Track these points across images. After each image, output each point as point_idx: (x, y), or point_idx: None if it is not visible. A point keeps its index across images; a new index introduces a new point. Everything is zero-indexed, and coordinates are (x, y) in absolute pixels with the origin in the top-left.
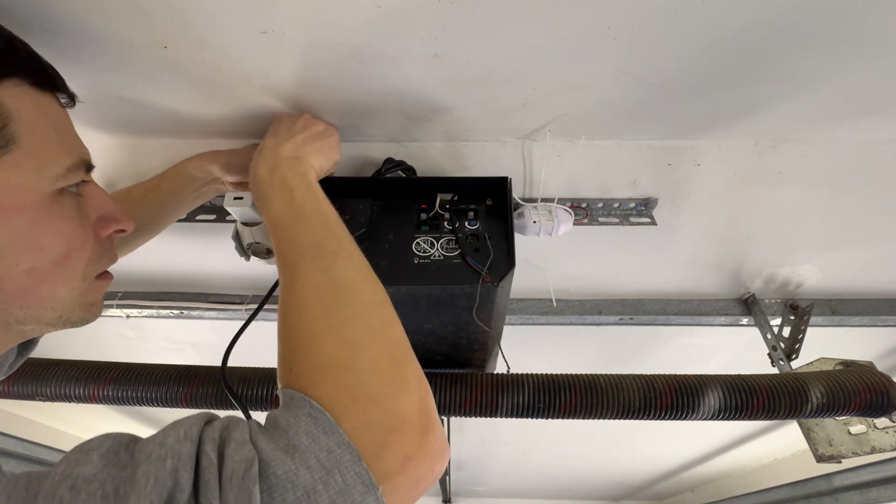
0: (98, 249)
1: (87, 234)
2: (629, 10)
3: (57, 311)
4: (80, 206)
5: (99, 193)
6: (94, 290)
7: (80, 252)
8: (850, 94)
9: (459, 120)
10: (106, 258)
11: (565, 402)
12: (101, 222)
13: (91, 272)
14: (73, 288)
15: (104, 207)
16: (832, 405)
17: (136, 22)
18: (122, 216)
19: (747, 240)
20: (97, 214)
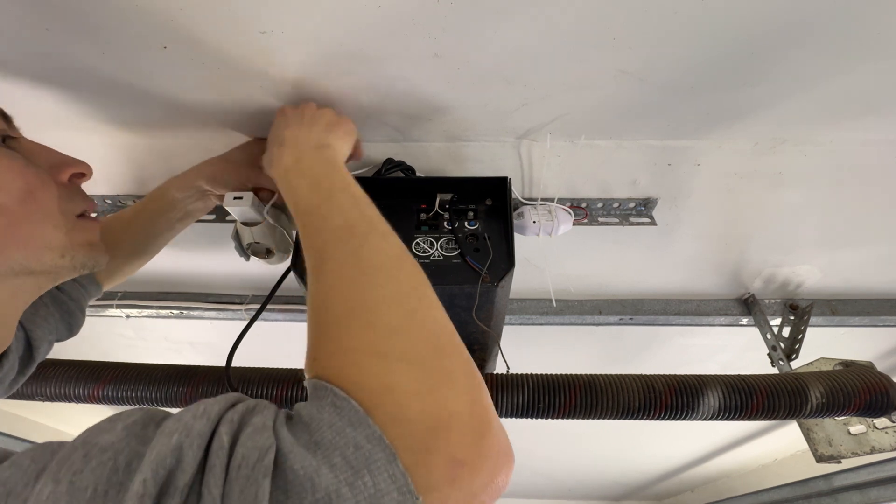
0: (64, 191)
1: (41, 175)
2: (629, 10)
3: (56, 249)
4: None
5: (41, 147)
6: (84, 229)
7: (43, 191)
8: (850, 94)
9: (459, 120)
10: (78, 198)
11: (565, 402)
12: (55, 169)
13: (68, 209)
14: (58, 225)
15: (52, 158)
16: (832, 405)
17: (136, 22)
18: (74, 161)
19: (747, 240)
20: (48, 164)
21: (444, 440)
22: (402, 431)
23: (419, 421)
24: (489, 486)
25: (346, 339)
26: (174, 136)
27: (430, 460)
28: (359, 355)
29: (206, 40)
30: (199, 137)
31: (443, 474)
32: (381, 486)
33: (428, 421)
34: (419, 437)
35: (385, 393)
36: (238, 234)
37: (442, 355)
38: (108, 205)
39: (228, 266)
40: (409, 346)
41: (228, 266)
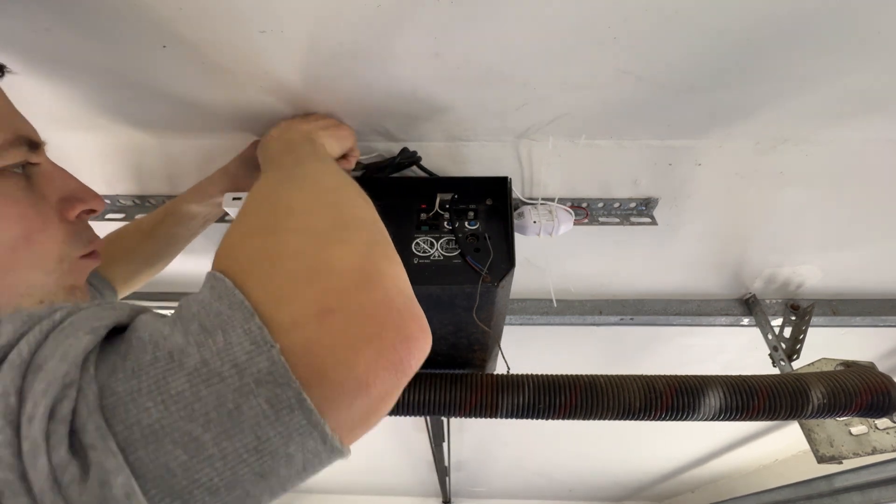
0: (70, 230)
1: (46, 215)
2: (629, 10)
3: (36, 296)
4: (33, 187)
5: (59, 174)
6: (77, 272)
7: (42, 234)
8: (851, 94)
9: (459, 119)
10: (83, 238)
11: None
12: (65, 203)
13: (69, 254)
14: (50, 271)
15: (65, 188)
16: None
17: (135, 21)
18: (88, 195)
19: (748, 240)
20: (59, 196)
21: (314, 289)
22: (267, 288)
23: (289, 275)
24: (374, 341)
25: (244, 224)
26: (173, 135)
27: (294, 306)
28: (248, 236)
29: (206, 40)
30: (199, 137)
31: (306, 317)
32: (233, 340)
33: (298, 273)
34: (285, 288)
35: (260, 259)
36: None
37: (343, 227)
38: (108, 204)
39: None
40: (305, 220)
41: None
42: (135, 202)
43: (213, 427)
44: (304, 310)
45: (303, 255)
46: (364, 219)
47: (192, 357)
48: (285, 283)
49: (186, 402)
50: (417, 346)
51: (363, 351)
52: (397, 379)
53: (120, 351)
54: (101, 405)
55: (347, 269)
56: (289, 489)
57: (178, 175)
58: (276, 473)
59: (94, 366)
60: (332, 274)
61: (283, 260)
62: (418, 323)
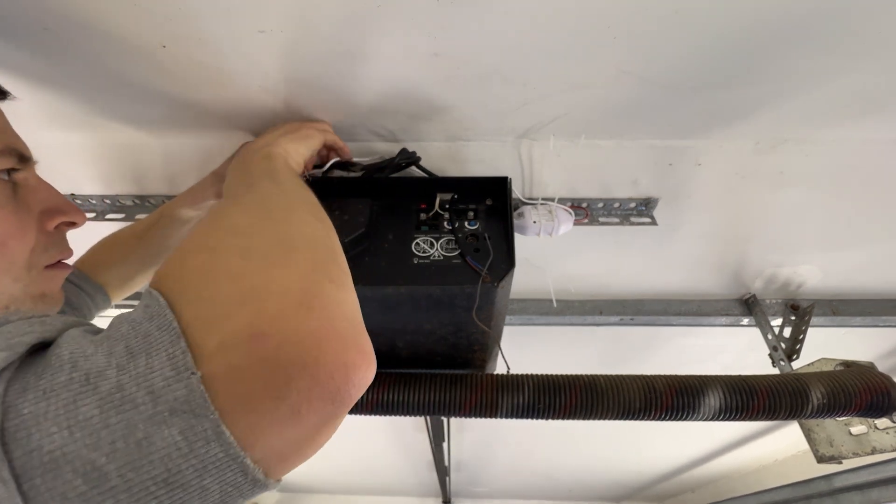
0: (43, 240)
1: (25, 223)
2: (630, 10)
3: (2, 302)
4: (18, 195)
5: (44, 187)
6: (45, 281)
7: (17, 241)
8: (851, 94)
9: (459, 119)
10: (55, 249)
11: (565, 403)
12: (46, 215)
13: (37, 262)
14: (17, 278)
15: (49, 200)
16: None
17: (135, 21)
18: (70, 208)
19: (748, 240)
20: (42, 207)
21: (246, 311)
22: (199, 310)
23: (224, 297)
24: (308, 368)
25: (186, 245)
26: (173, 135)
27: (222, 328)
28: (188, 255)
29: (205, 39)
30: (199, 137)
31: (237, 340)
32: (154, 365)
33: (234, 296)
34: (218, 310)
35: (197, 279)
36: None
37: (288, 248)
38: (107, 204)
39: None
40: (248, 241)
41: None
42: (134, 202)
43: (118, 457)
44: (233, 333)
45: (240, 277)
46: (313, 238)
47: (109, 381)
48: (218, 305)
49: (93, 430)
50: (358, 375)
51: (296, 379)
52: (334, 409)
53: (37, 370)
54: (3, 427)
55: (286, 291)
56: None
57: (177, 175)
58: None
59: (6, 384)
60: (269, 296)
61: (219, 280)
62: (361, 350)
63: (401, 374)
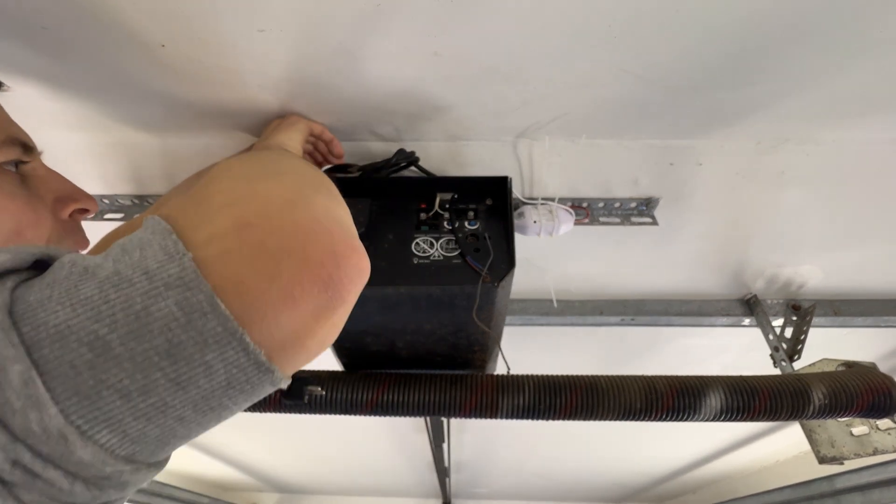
0: (59, 229)
1: (39, 212)
2: (630, 9)
3: None
4: (28, 186)
5: (53, 176)
6: None
7: (34, 229)
8: (852, 94)
9: (459, 119)
10: (71, 238)
11: (566, 404)
12: (59, 203)
13: None
14: None
15: (61, 189)
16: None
17: (134, 20)
18: (81, 195)
19: (749, 240)
20: (54, 196)
21: (234, 208)
22: (191, 215)
23: (215, 205)
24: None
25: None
26: (173, 134)
27: (211, 223)
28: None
29: (205, 38)
30: (198, 136)
31: (225, 229)
32: (147, 255)
33: (225, 202)
34: (209, 214)
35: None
36: None
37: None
38: (106, 204)
39: None
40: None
41: None
42: (133, 202)
43: (119, 327)
44: (221, 226)
45: (230, 191)
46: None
47: (106, 269)
48: (208, 210)
49: (93, 305)
50: (349, 263)
51: (285, 261)
52: (328, 296)
53: (42, 276)
54: (11, 311)
55: (272, 196)
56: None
57: (177, 175)
58: (196, 384)
59: (14, 283)
60: (254, 199)
61: (210, 196)
62: (350, 245)
63: (401, 375)
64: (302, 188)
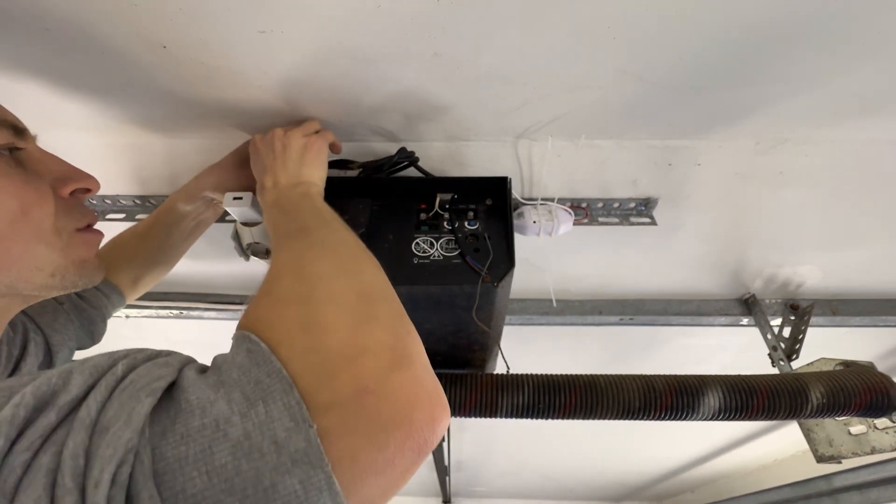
0: (64, 206)
1: (41, 190)
2: (629, 10)
3: (46, 269)
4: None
5: (49, 157)
6: (80, 245)
7: (38, 207)
8: (850, 94)
9: (459, 119)
10: (77, 213)
11: (565, 403)
12: (59, 182)
13: (65, 226)
14: (51, 244)
15: (58, 169)
16: (832, 406)
17: (135, 21)
18: (80, 175)
19: (748, 240)
20: (52, 177)
21: (352, 368)
22: (307, 362)
23: (328, 351)
24: (404, 422)
25: (276, 291)
26: (175, 135)
27: (332, 385)
28: (283, 304)
29: (206, 40)
30: (199, 136)
31: (344, 397)
32: (273, 414)
33: (337, 350)
34: (325, 364)
35: (298, 330)
36: (238, 234)
37: (369, 300)
38: (108, 204)
39: (228, 266)
40: (334, 290)
41: (228, 266)
42: (135, 202)
43: (247, 501)
44: (342, 389)
45: (337, 331)
46: (385, 288)
47: (236, 428)
48: (324, 360)
49: (228, 476)
50: (441, 427)
51: (394, 434)
52: (419, 458)
53: (170, 413)
54: (154, 469)
55: (381, 348)
56: None
57: (178, 175)
58: None
59: (148, 426)
60: (367, 353)
61: (319, 334)
62: (442, 403)
63: None
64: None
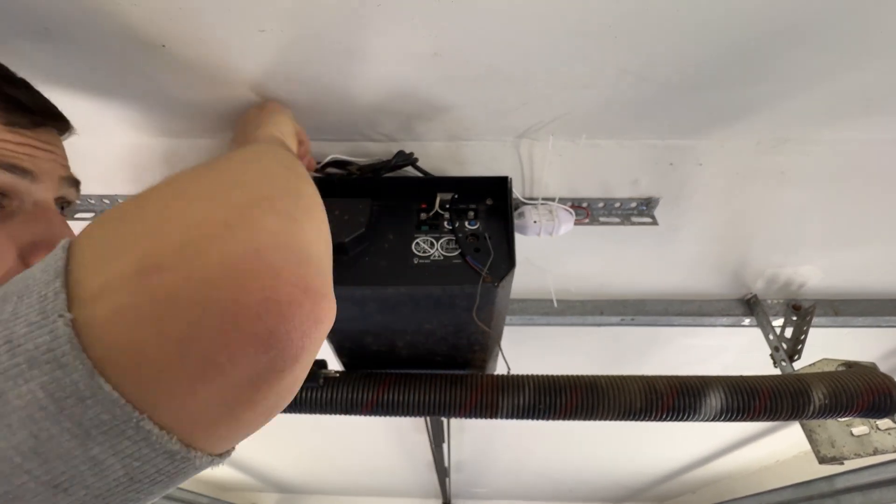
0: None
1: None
2: (630, 9)
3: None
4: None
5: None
6: None
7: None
8: (852, 94)
9: (459, 119)
10: None
11: (566, 404)
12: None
13: None
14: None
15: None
16: (835, 406)
17: (135, 21)
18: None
19: (749, 240)
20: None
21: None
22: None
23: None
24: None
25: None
26: (174, 135)
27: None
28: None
29: (205, 39)
30: (198, 136)
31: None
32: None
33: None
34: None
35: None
36: None
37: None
38: (106, 204)
39: None
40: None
41: None
42: None
43: None
44: (121, 269)
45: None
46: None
47: None
48: (114, 240)
49: None
50: (300, 311)
51: (204, 319)
52: (270, 358)
53: None
54: None
55: (201, 221)
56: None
57: None
58: (82, 484)
59: None
60: (177, 227)
61: (125, 219)
62: (300, 285)
63: (401, 375)
64: (253, 203)
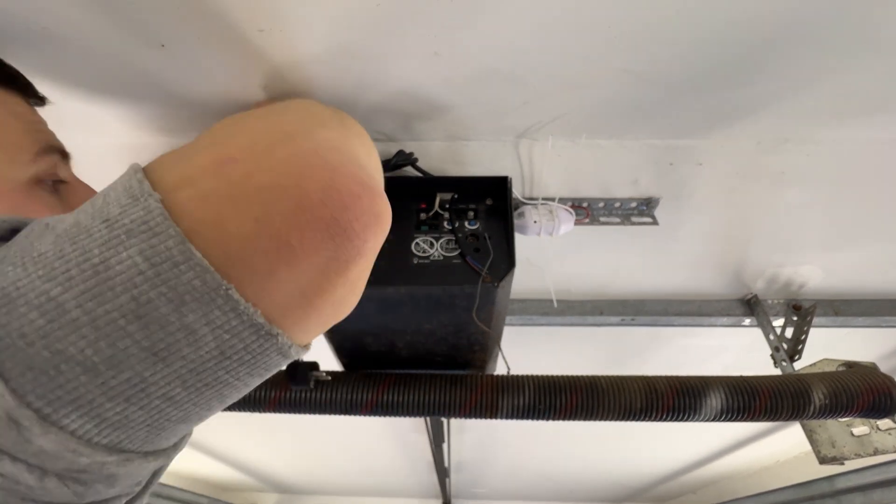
0: None
1: None
2: (631, 9)
3: None
4: (64, 200)
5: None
6: None
7: None
8: (852, 94)
9: (459, 119)
10: None
11: (566, 404)
12: None
13: None
14: None
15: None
16: (835, 407)
17: (134, 20)
18: None
19: (749, 240)
20: None
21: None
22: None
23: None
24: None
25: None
26: (174, 135)
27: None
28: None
29: (204, 38)
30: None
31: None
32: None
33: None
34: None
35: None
36: None
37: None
38: None
39: None
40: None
41: None
42: None
43: (74, 286)
44: (199, 163)
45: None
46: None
47: (65, 222)
48: (186, 150)
49: (46, 261)
50: (359, 204)
51: (277, 202)
52: (336, 245)
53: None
54: None
55: (266, 131)
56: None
57: None
58: (179, 353)
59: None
60: (243, 133)
61: (191, 144)
62: (358, 180)
63: (401, 375)
64: (306, 121)
